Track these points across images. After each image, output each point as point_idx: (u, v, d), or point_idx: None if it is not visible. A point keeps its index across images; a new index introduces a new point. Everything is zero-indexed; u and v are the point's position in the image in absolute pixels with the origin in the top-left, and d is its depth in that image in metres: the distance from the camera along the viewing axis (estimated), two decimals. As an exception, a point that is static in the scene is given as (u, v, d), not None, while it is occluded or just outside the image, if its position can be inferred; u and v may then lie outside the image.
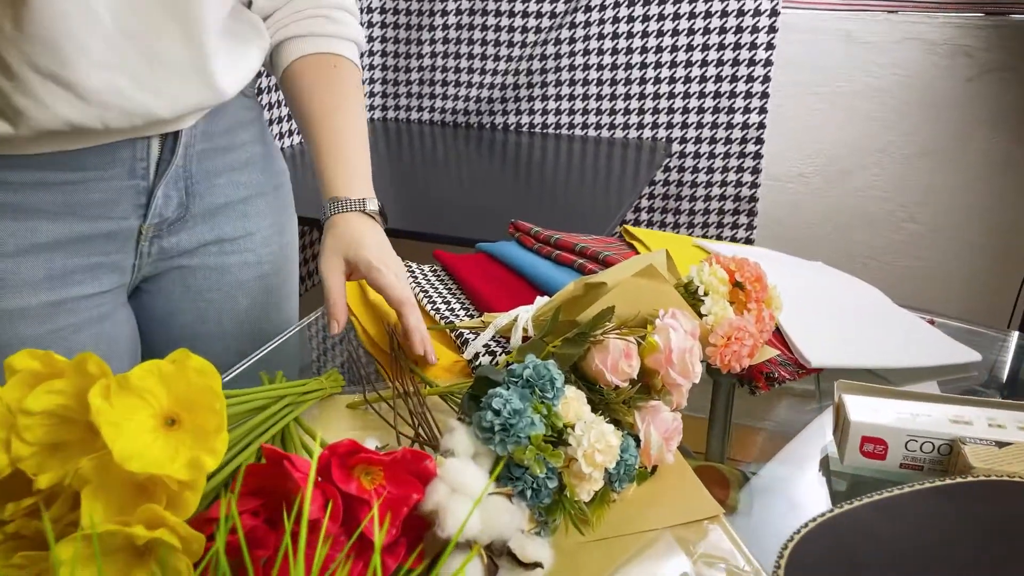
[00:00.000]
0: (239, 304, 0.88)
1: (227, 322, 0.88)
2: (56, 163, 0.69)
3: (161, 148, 0.74)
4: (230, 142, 0.82)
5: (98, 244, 0.74)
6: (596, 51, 1.86)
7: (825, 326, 0.80)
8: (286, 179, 0.93)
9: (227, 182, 0.82)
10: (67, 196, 0.71)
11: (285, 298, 0.93)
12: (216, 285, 0.85)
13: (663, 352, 0.59)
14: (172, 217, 0.78)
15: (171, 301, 0.85)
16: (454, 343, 0.78)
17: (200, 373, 0.40)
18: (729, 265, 0.69)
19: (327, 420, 0.65)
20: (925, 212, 1.80)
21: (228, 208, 0.83)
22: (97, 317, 0.77)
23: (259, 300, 0.89)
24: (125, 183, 0.73)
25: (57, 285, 0.73)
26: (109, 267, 0.76)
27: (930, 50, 1.69)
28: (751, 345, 0.62)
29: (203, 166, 0.79)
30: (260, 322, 0.90)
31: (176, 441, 0.40)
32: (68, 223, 0.72)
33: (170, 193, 0.76)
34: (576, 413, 0.54)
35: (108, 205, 0.73)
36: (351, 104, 0.81)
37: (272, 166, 0.89)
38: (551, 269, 0.90)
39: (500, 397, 0.49)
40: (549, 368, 0.53)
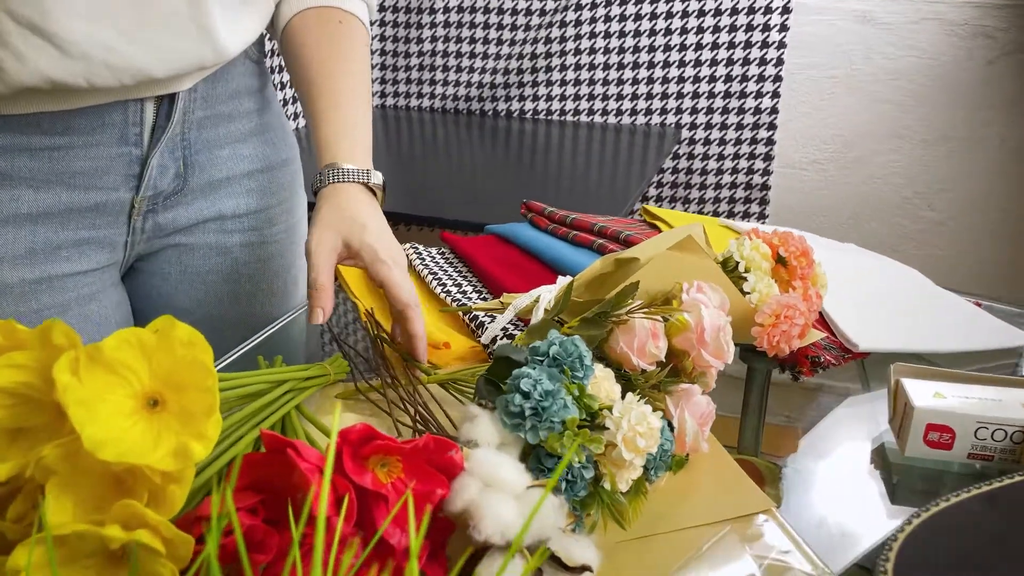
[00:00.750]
0: (241, 288, 0.81)
1: (228, 307, 0.82)
2: (40, 126, 0.63)
3: (156, 113, 0.68)
4: (233, 109, 0.75)
5: (86, 217, 0.68)
6: (603, 34, 1.80)
7: (869, 308, 0.74)
8: (295, 154, 0.86)
9: (230, 154, 0.76)
10: (53, 163, 0.65)
11: (292, 283, 0.87)
12: (216, 266, 0.79)
13: (694, 331, 0.53)
14: (168, 190, 0.72)
15: (167, 282, 0.79)
16: (468, 328, 0.72)
17: (188, 345, 0.34)
18: (772, 239, 0.63)
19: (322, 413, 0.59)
20: (944, 199, 1.75)
21: (231, 183, 0.77)
22: (85, 297, 0.71)
23: (263, 285, 0.83)
24: (115, 150, 0.67)
25: (40, 260, 0.67)
26: (98, 243, 0.70)
27: (950, 31, 1.63)
28: (802, 325, 0.56)
29: (203, 135, 0.72)
30: (265, 308, 0.84)
31: (159, 425, 0.34)
32: (53, 192, 0.66)
33: (166, 163, 0.70)
34: (608, 394, 0.48)
35: (97, 174, 0.67)
36: (357, 66, 0.72)
37: (280, 139, 0.82)
38: (569, 250, 0.84)
39: (529, 378, 0.43)
40: (577, 344, 0.47)
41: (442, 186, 1.48)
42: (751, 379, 0.77)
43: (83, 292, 0.71)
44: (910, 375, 0.59)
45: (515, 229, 0.91)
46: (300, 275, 0.88)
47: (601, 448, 0.43)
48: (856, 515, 0.56)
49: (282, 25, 0.75)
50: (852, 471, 0.64)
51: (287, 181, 0.83)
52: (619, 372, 0.54)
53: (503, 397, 0.44)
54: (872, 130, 1.75)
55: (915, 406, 0.55)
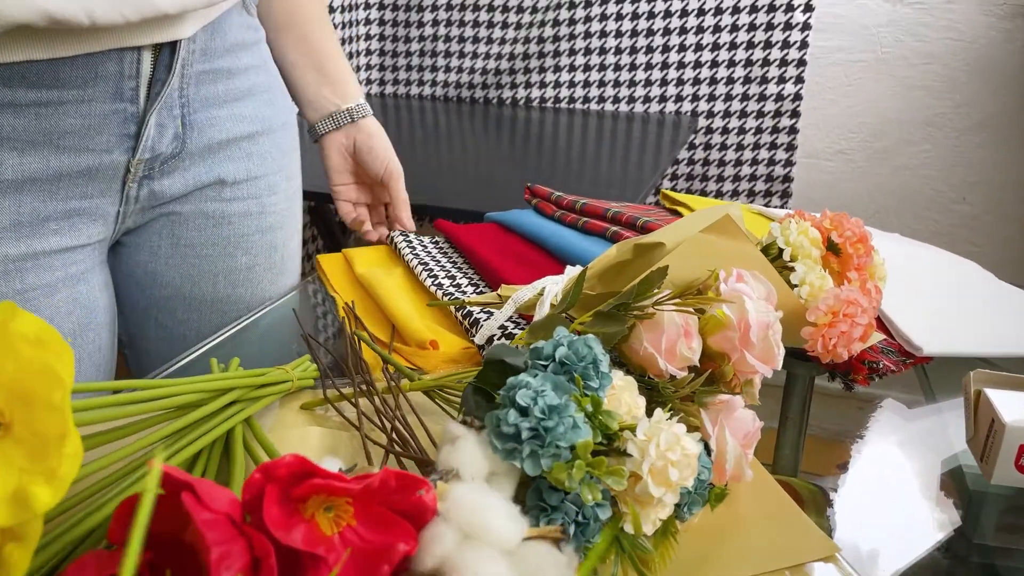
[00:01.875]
0: (237, 262, 0.74)
1: (222, 285, 0.74)
2: (27, 78, 0.55)
3: (154, 65, 0.60)
4: (232, 64, 0.69)
5: (77, 184, 0.61)
6: (614, 16, 1.70)
7: (929, 305, 0.64)
8: (293, 117, 0.80)
9: (229, 114, 0.69)
10: (40, 121, 0.57)
11: (290, 257, 0.81)
12: (212, 239, 0.72)
13: (736, 328, 0.43)
14: (166, 152, 0.65)
15: (156, 258, 0.71)
16: (461, 325, 0.62)
17: (35, 343, 0.24)
18: (822, 223, 0.52)
19: (282, 427, 0.49)
20: (978, 192, 1.64)
21: (231, 145, 0.70)
22: (74, 276, 0.63)
23: (261, 259, 0.76)
24: (109, 106, 0.59)
25: (26, 234, 0.59)
26: (89, 214, 0.63)
27: (987, 11, 1.52)
28: (865, 325, 0.46)
29: (201, 92, 0.66)
30: (262, 285, 0.77)
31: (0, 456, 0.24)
32: (41, 155, 0.58)
33: (164, 122, 0.63)
34: (629, 410, 0.38)
35: (89, 134, 0.59)
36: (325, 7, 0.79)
37: (278, 99, 0.76)
38: (578, 238, 0.74)
39: (528, 388, 0.33)
40: (591, 345, 0.37)
41: (445, 178, 1.39)
42: (791, 386, 0.67)
43: (71, 271, 0.63)
44: (995, 385, 0.49)
45: (518, 216, 0.81)
46: (296, 251, 0.82)
47: (623, 483, 0.33)
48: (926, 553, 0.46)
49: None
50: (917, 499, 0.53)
51: (288, 146, 0.78)
52: (642, 379, 0.44)
53: (494, 414, 0.34)
54: (902, 118, 1.64)
55: (1006, 423, 0.45)
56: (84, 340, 0.65)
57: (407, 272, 0.74)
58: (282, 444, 0.47)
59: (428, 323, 0.63)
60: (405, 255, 0.75)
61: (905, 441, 0.60)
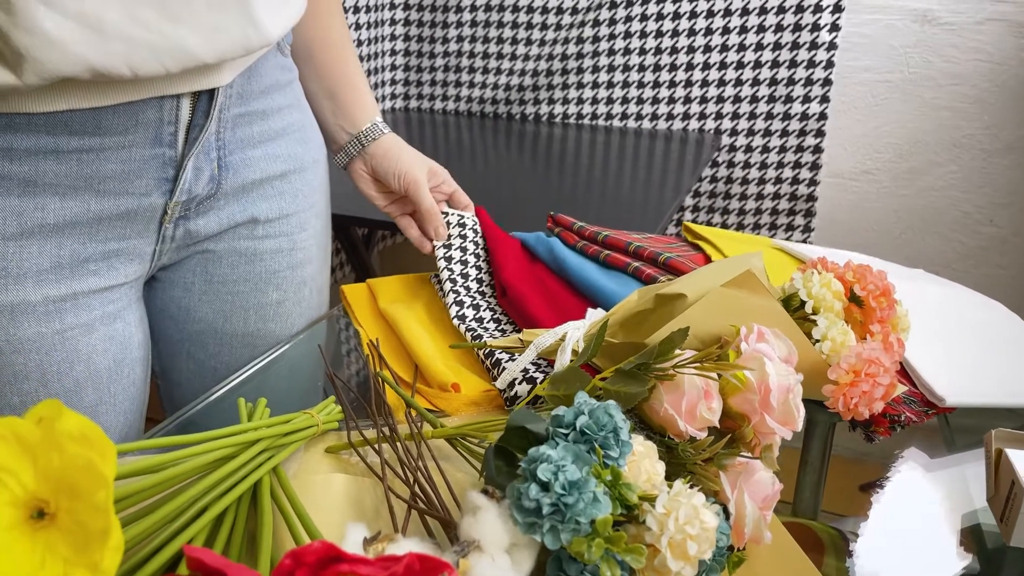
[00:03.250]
0: (268, 298, 0.76)
1: (253, 320, 0.76)
2: (70, 125, 0.57)
3: (192, 110, 0.62)
4: (267, 106, 0.70)
5: (115, 226, 0.62)
6: (638, 33, 1.70)
7: (953, 352, 0.63)
8: (324, 154, 0.81)
9: (263, 154, 0.71)
10: (82, 167, 0.59)
11: (319, 291, 0.82)
12: (244, 275, 0.74)
13: (757, 391, 0.43)
14: (202, 194, 0.66)
15: (190, 294, 0.73)
16: (483, 365, 0.63)
17: (79, 441, 0.25)
18: (845, 274, 0.53)
19: (307, 473, 0.50)
20: (1007, 214, 1.62)
21: (264, 184, 0.72)
22: (110, 315, 0.65)
23: (291, 294, 0.77)
24: (149, 151, 0.61)
25: (66, 276, 0.61)
26: (127, 254, 0.65)
27: (1018, 33, 1.50)
28: (887, 385, 0.46)
29: (237, 134, 0.68)
30: (291, 319, 0.78)
31: (44, 546, 0.25)
32: (82, 199, 0.60)
33: (201, 165, 0.65)
34: (649, 477, 0.38)
35: (128, 178, 0.61)
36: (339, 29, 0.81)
37: (310, 137, 0.78)
38: (601, 274, 0.74)
39: (549, 463, 0.34)
40: (612, 413, 0.37)
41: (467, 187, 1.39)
42: (811, 429, 0.67)
43: (108, 310, 0.65)
44: (1017, 444, 0.49)
45: (543, 241, 0.81)
46: (325, 285, 0.83)
47: (642, 562, 0.33)
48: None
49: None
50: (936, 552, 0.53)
51: (318, 183, 0.79)
52: (662, 439, 0.44)
53: (515, 487, 0.34)
54: (929, 139, 1.62)
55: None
56: (119, 375, 0.67)
57: (429, 303, 0.75)
58: (306, 491, 0.48)
59: (450, 362, 0.64)
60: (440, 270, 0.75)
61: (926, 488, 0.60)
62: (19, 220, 0.58)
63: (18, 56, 0.51)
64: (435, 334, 0.69)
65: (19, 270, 0.59)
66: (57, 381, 0.62)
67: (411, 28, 1.92)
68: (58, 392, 0.63)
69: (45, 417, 0.25)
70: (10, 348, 0.60)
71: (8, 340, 0.59)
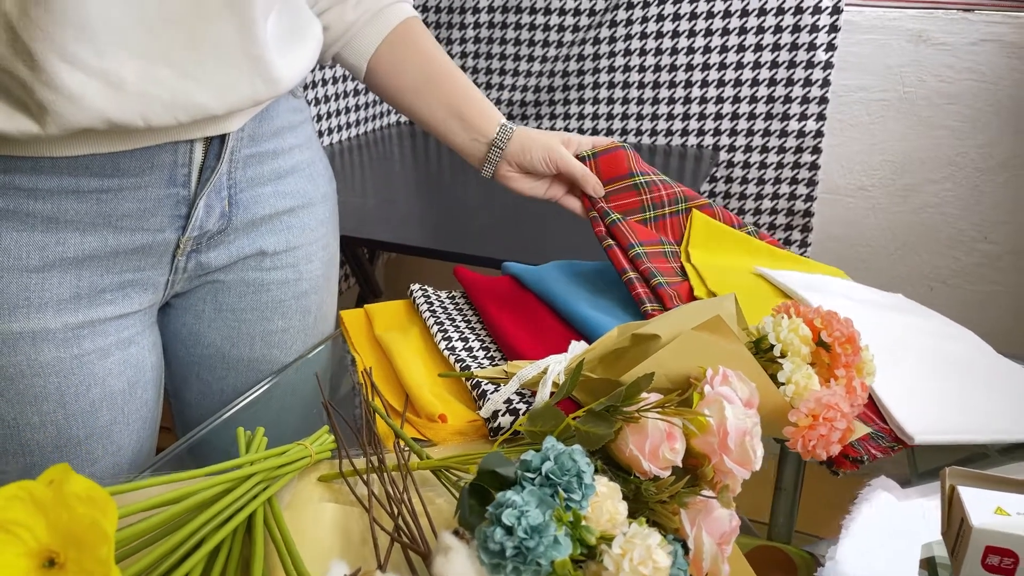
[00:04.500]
0: (274, 325, 0.79)
1: (259, 346, 0.80)
2: (91, 168, 0.61)
3: (205, 153, 0.66)
4: (277, 146, 0.74)
5: (131, 259, 0.67)
6: (638, 51, 1.73)
7: (923, 386, 0.66)
8: (333, 189, 0.85)
9: (272, 191, 0.74)
10: (100, 205, 0.63)
11: (323, 319, 0.85)
12: (251, 304, 0.77)
13: (716, 434, 0.46)
14: (213, 229, 0.70)
15: (200, 320, 0.77)
16: (471, 395, 0.66)
17: (85, 501, 0.28)
18: (814, 320, 0.55)
19: (300, 502, 0.53)
20: (1001, 231, 1.63)
21: (272, 219, 0.75)
22: (125, 340, 0.69)
23: (295, 322, 0.81)
24: (163, 191, 0.65)
25: (84, 305, 0.65)
26: (141, 284, 0.69)
27: (1011, 53, 1.52)
28: (843, 429, 0.49)
29: (248, 173, 0.71)
30: (295, 345, 0.82)
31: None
32: (100, 235, 0.64)
33: (212, 203, 0.69)
34: (611, 517, 0.41)
35: (144, 216, 0.65)
36: (443, 55, 0.85)
37: (320, 174, 0.81)
38: (587, 306, 0.77)
39: (513, 508, 0.37)
40: (576, 458, 0.40)
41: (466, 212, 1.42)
42: (785, 457, 0.70)
43: (123, 335, 0.69)
44: (967, 482, 0.51)
45: (534, 275, 0.84)
46: (330, 312, 0.86)
47: (596, 601, 0.37)
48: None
49: (365, 65, 0.82)
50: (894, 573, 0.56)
51: (326, 217, 0.82)
52: (628, 476, 0.47)
53: (482, 530, 0.37)
54: (924, 156, 1.65)
55: (973, 525, 0.47)
56: (133, 396, 0.70)
57: (423, 332, 0.78)
58: (298, 520, 0.51)
59: (439, 391, 0.67)
60: (424, 314, 0.79)
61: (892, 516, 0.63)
62: (42, 254, 0.62)
63: (41, 109, 0.55)
64: (428, 362, 0.73)
65: (41, 300, 0.62)
66: (75, 402, 0.66)
67: (415, 44, 1.95)
68: (75, 412, 0.66)
69: (56, 480, 0.28)
70: (31, 371, 0.63)
71: (29, 364, 0.63)
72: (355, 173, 1.63)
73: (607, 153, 0.82)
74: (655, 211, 0.84)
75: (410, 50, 0.81)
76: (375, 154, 1.78)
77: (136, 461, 0.72)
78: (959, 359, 0.72)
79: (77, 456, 0.68)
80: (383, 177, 1.62)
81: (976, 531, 0.47)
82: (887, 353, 0.69)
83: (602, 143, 0.83)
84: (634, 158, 0.83)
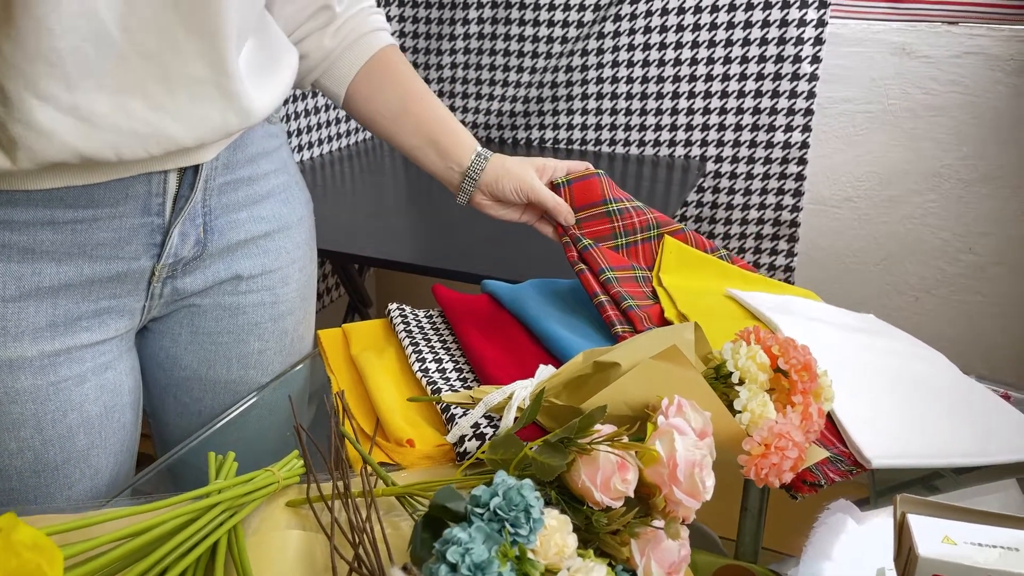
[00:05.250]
0: (250, 347, 0.80)
1: (236, 367, 0.81)
2: (65, 200, 0.62)
3: (179, 183, 0.67)
4: (253, 173, 0.75)
5: (107, 287, 0.67)
6: (626, 63, 1.74)
7: (887, 409, 0.67)
8: (310, 211, 0.86)
9: (248, 217, 0.75)
10: (76, 236, 0.64)
11: (300, 339, 0.86)
12: (228, 327, 0.78)
13: (666, 465, 0.47)
14: (188, 256, 0.71)
15: (177, 344, 0.78)
16: (442, 418, 0.67)
17: (32, 549, 0.29)
18: (772, 347, 0.56)
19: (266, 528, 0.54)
20: (985, 243, 1.65)
21: (248, 244, 0.76)
22: (102, 366, 0.70)
23: (272, 343, 0.82)
24: (138, 220, 0.66)
25: (61, 332, 0.66)
26: (117, 311, 0.69)
27: (994, 66, 1.53)
28: (795, 458, 0.50)
29: (223, 200, 0.72)
30: (272, 366, 0.83)
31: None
32: (76, 264, 0.65)
33: (187, 231, 0.69)
34: (559, 549, 0.42)
35: (119, 244, 0.66)
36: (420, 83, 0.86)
37: (295, 197, 0.82)
38: (561, 327, 0.78)
39: (458, 545, 0.38)
40: (524, 494, 0.41)
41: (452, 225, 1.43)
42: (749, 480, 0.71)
43: (100, 361, 0.70)
44: (917, 509, 0.53)
45: (511, 295, 0.85)
46: (307, 332, 0.87)
47: (536, 638, 0.38)
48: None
49: (344, 91, 0.83)
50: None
51: (302, 239, 0.83)
52: (580, 507, 0.48)
53: (428, 566, 0.39)
54: (909, 168, 1.66)
55: (919, 555, 0.49)
56: (110, 420, 0.71)
57: (400, 353, 0.79)
58: (263, 547, 0.52)
59: (410, 415, 0.68)
60: (399, 334, 0.80)
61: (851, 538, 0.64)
62: (18, 283, 0.63)
63: (13, 144, 0.56)
64: (401, 384, 0.74)
65: (17, 329, 0.63)
66: (52, 428, 0.67)
67: (406, 55, 1.96)
68: (52, 438, 0.67)
69: (3, 528, 0.30)
70: (8, 399, 0.64)
71: (6, 392, 0.64)
72: (345, 185, 1.64)
73: (581, 180, 0.83)
74: (627, 238, 0.85)
75: (387, 78, 0.83)
76: (365, 165, 1.79)
77: (115, 483, 0.74)
78: (924, 381, 0.73)
79: (55, 481, 0.68)
80: (373, 189, 1.64)
81: (922, 560, 0.49)
82: (851, 375, 0.70)
83: (577, 169, 0.84)
84: (608, 184, 0.85)
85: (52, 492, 0.68)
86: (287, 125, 1.71)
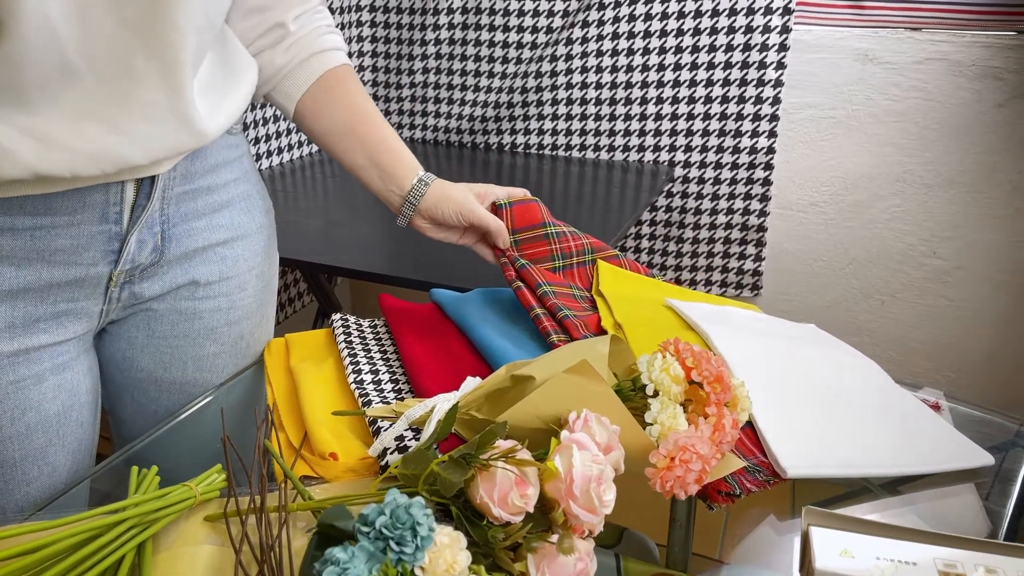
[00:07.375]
0: (205, 351, 0.81)
1: (191, 370, 0.82)
2: (24, 207, 0.63)
3: (136, 192, 0.68)
4: (212, 182, 0.76)
5: (65, 291, 0.69)
6: (595, 68, 1.75)
7: (810, 419, 0.68)
8: (270, 219, 0.87)
9: (206, 225, 0.77)
10: (35, 242, 0.65)
11: (256, 343, 0.87)
12: (184, 331, 0.79)
13: (564, 480, 0.48)
14: (145, 262, 0.73)
15: (133, 347, 0.79)
16: (370, 431, 0.68)
17: None
18: (687, 359, 0.57)
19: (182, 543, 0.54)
20: (949, 246, 1.66)
21: (206, 251, 0.77)
22: (60, 366, 0.71)
23: (228, 347, 0.83)
24: (96, 228, 0.67)
25: (19, 334, 0.67)
26: (75, 314, 0.71)
27: (957, 72, 1.54)
28: (699, 470, 0.50)
29: (181, 208, 0.73)
30: (227, 369, 0.84)
31: None
32: (34, 269, 0.66)
33: (144, 238, 0.71)
34: (448, 567, 0.43)
35: (77, 251, 0.67)
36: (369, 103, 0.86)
37: (256, 206, 0.83)
38: (498, 336, 0.78)
39: (336, 565, 0.38)
40: (412, 511, 0.42)
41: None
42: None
43: (58, 361, 0.71)
44: (821, 522, 0.53)
45: (455, 304, 0.85)
46: (265, 335, 0.88)
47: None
48: None
49: (293, 107, 0.84)
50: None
51: (260, 247, 0.84)
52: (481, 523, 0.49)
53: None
54: (873, 173, 1.67)
55: (816, 568, 0.49)
56: (68, 419, 0.73)
57: (338, 364, 0.79)
58: (174, 563, 0.53)
59: (338, 427, 0.68)
60: (339, 343, 0.81)
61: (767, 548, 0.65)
62: None
63: None
64: (337, 395, 0.74)
65: None
66: (10, 426, 0.68)
67: (378, 60, 1.97)
68: (11, 436, 0.69)
69: None
70: None
71: None
72: (309, 192, 1.64)
73: (521, 204, 0.85)
74: (564, 260, 0.87)
75: (336, 97, 0.83)
76: (329, 172, 1.79)
77: (72, 481, 0.74)
78: (852, 391, 0.74)
79: (13, 478, 0.70)
80: (343, 194, 1.64)
81: (818, 572, 0.49)
82: (777, 385, 0.71)
83: (517, 194, 0.85)
84: (546, 211, 0.87)
85: (11, 489, 0.70)
86: (252, 132, 1.72)
